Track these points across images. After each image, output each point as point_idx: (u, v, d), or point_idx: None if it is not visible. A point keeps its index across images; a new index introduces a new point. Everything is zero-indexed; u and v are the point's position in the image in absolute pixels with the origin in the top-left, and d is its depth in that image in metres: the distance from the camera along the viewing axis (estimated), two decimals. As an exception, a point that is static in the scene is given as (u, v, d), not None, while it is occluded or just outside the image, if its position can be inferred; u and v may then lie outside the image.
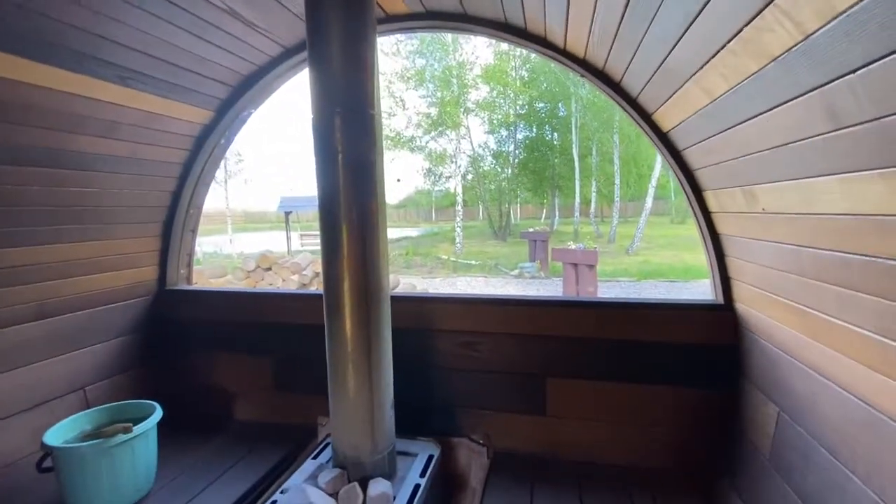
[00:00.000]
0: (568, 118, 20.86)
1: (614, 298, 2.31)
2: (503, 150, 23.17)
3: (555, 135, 22.66)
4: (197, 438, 2.39)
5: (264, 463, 2.19)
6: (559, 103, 21.47)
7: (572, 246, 11.24)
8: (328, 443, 2.01)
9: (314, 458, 2.01)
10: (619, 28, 1.62)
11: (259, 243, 20.09)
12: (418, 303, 2.39)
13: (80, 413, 2.05)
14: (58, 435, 1.88)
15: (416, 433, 2.17)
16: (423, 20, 2.20)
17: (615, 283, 12.29)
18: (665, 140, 2.00)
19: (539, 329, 2.21)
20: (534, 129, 22.77)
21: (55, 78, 1.73)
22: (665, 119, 1.91)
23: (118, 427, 1.85)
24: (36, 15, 1.53)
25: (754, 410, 1.77)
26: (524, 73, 21.36)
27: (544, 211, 30.23)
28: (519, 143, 22.95)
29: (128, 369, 2.54)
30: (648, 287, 11.76)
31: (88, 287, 2.33)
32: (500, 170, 23.26)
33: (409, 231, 28.08)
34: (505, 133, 22.91)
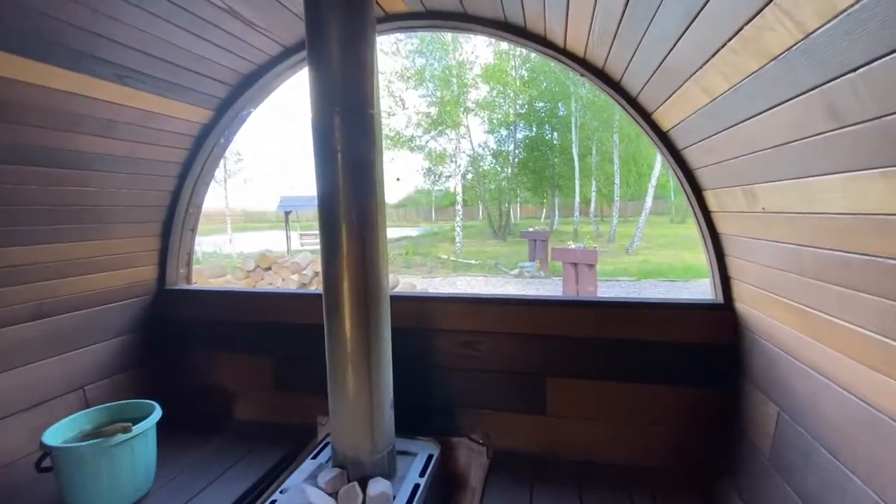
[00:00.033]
0: (568, 117, 20.85)
1: (614, 298, 2.31)
2: (503, 149, 23.17)
3: (555, 134, 22.66)
4: (196, 438, 2.39)
5: (264, 462, 2.19)
6: (559, 103, 21.46)
7: (572, 245, 11.24)
8: (328, 442, 2.01)
9: (314, 457, 2.01)
10: (619, 27, 1.62)
11: (259, 243, 20.10)
12: (418, 302, 2.38)
13: (80, 413, 2.04)
14: (57, 434, 1.88)
15: (415, 433, 2.17)
16: (422, 19, 2.19)
17: (615, 282, 12.29)
18: (665, 139, 2.00)
19: (539, 328, 2.21)
20: (533, 128, 22.76)
21: (53, 76, 1.73)
22: (665, 118, 1.91)
23: (117, 427, 1.84)
24: (34, 13, 1.52)
25: (754, 410, 1.76)
26: (524, 73, 21.36)
27: (544, 210, 30.23)
28: (519, 143, 22.95)
29: (127, 369, 2.54)
30: (648, 286, 11.76)
31: (87, 286, 2.33)
32: (500, 169, 23.26)
33: (409, 231, 28.08)
34: (505, 132, 22.91)
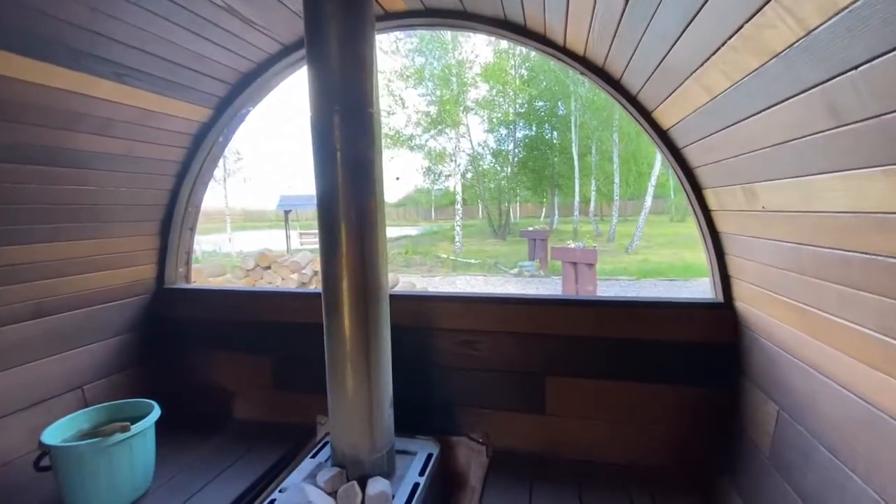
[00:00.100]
0: (567, 117, 20.84)
1: (614, 297, 2.31)
2: (502, 148, 23.17)
3: (554, 133, 22.65)
4: (195, 437, 2.38)
5: (263, 462, 2.19)
6: (559, 102, 21.45)
7: (572, 245, 11.24)
8: (327, 441, 2.00)
9: (313, 456, 2.01)
10: (619, 25, 1.61)
11: (258, 242, 20.10)
12: (417, 301, 2.38)
13: (78, 412, 2.04)
14: (55, 434, 1.88)
15: (415, 432, 2.17)
16: (422, 17, 2.19)
17: (614, 281, 12.29)
18: (665, 138, 2.00)
19: (538, 328, 2.21)
20: (533, 127, 22.75)
21: (51, 75, 1.72)
22: (665, 117, 1.91)
23: (116, 426, 1.84)
24: (33, 12, 1.52)
25: (754, 409, 1.76)
26: (524, 72, 21.35)
27: (544, 210, 30.24)
28: (518, 142, 22.95)
29: (126, 368, 2.53)
30: (648, 286, 11.77)
31: (86, 285, 2.32)
32: (500, 168, 23.26)
33: (409, 230, 28.07)
34: (504, 132, 22.91)
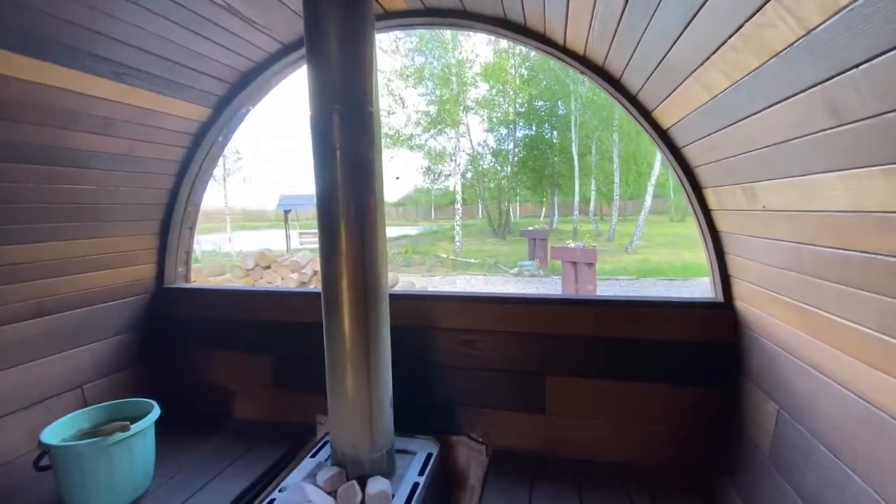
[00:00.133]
0: (567, 116, 20.83)
1: (613, 296, 2.31)
2: (502, 148, 23.16)
3: (554, 133, 22.64)
4: (195, 436, 2.38)
5: (263, 461, 2.18)
6: (558, 101, 21.44)
7: (571, 244, 11.24)
8: (327, 441, 2.00)
9: (313, 456, 2.01)
10: (619, 24, 1.61)
11: (258, 241, 20.09)
12: (417, 301, 2.38)
13: (78, 411, 2.04)
14: (55, 433, 1.87)
15: (415, 431, 2.17)
16: (421, 16, 2.19)
17: (614, 281, 12.29)
18: (665, 137, 2.00)
19: (538, 327, 2.21)
20: (533, 127, 22.74)
21: (49, 73, 1.72)
22: (665, 116, 1.91)
23: (116, 425, 1.84)
24: (31, 10, 1.52)
25: (754, 408, 1.76)
26: (523, 71, 21.33)
27: (543, 209, 30.23)
28: (518, 142, 22.94)
29: (126, 367, 2.53)
30: (647, 285, 11.77)
31: (86, 285, 2.32)
32: (500, 168, 23.26)
33: (409, 229, 28.08)
34: (504, 131, 22.91)
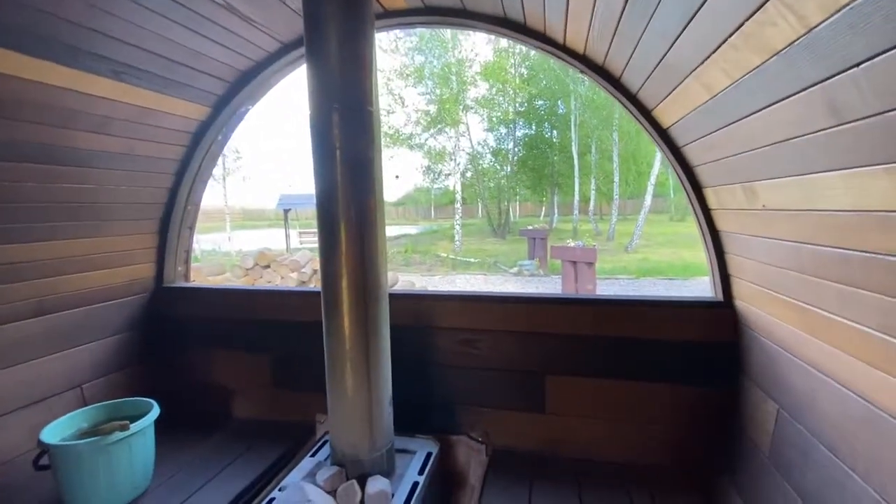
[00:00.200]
0: (567, 115, 20.83)
1: (613, 295, 2.30)
2: (502, 147, 23.16)
3: (554, 132, 22.65)
4: (195, 436, 2.38)
5: (262, 460, 2.18)
6: (558, 101, 21.45)
7: (571, 244, 11.24)
8: (326, 440, 2.00)
9: (312, 455, 2.01)
10: (619, 23, 1.61)
11: (258, 241, 20.10)
12: (417, 300, 2.38)
13: (78, 410, 2.04)
14: (55, 432, 1.87)
15: (414, 431, 2.17)
16: (421, 15, 2.18)
17: (614, 280, 12.29)
18: (665, 136, 1.99)
19: (538, 326, 2.21)
20: (533, 126, 22.75)
21: (49, 72, 1.71)
22: (665, 115, 1.90)
23: (115, 425, 1.84)
24: (30, 9, 1.51)
25: (754, 408, 1.76)
26: (523, 70, 21.33)
27: (543, 209, 30.24)
28: (518, 141, 22.95)
29: (125, 367, 2.53)
30: (647, 285, 11.77)
31: (86, 284, 2.32)
32: (500, 167, 23.26)
33: (408, 229, 28.09)
34: (504, 130, 22.91)
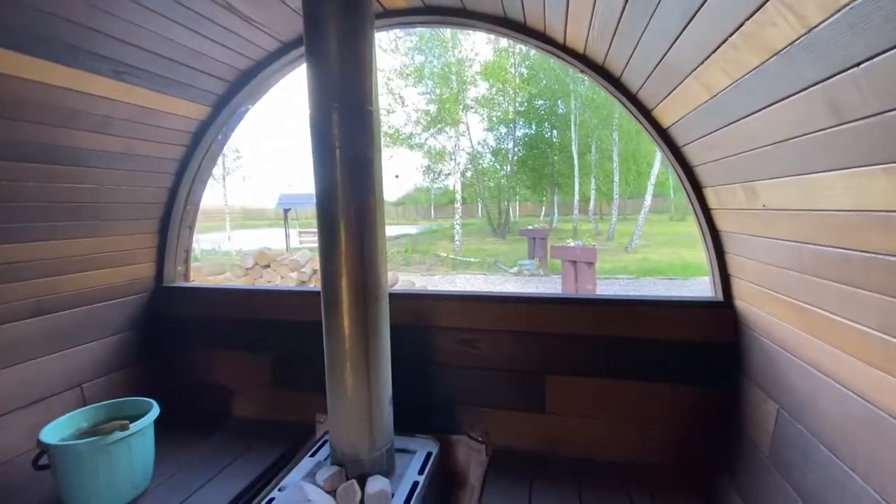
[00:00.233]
0: (567, 115, 20.83)
1: (613, 295, 2.30)
2: (502, 147, 23.16)
3: (554, 132, 22.65)
4: (194, 435, 2.38)
5: (262, 460, 2.18)
6: (558, 100, 21.44)
7: (571, 243, 11.25)
8: (326, 440, 2.00)
9: (312, 455, 2.01)
10: (619, 23, 1.61)
11: (257, 240, 20.11)
12: (417, 300, 2.38)
13: (77, 410, 2.04)
14: (54, 432, 1.87)
15: (414, 430, 2.17)
16: (421, 15, 2.18)
17: (614, 280, 12.30)
18: (665, 136, 1.99)
19: (538, 326, 2.21)
20: (533, 126, 22.74)
21: (49, 72, 1.71)
22: (665, 115, 1.90)
23: (115, 424, 1.84)
24: (30, 9, 1.51)
25: (754, 408, 1.76)
26: (523, 70, 21.33)
27: (543, 208, 30.22)
28: (518, 141, 22.94)
29: (125, 366, 2.53)
30: (647, 284, 11.77)
31: (85, 284, 2.32)
32: (500, 167, 23.25)
33: (408, 228, 28.09)
34: (504, 130, 22.91)
